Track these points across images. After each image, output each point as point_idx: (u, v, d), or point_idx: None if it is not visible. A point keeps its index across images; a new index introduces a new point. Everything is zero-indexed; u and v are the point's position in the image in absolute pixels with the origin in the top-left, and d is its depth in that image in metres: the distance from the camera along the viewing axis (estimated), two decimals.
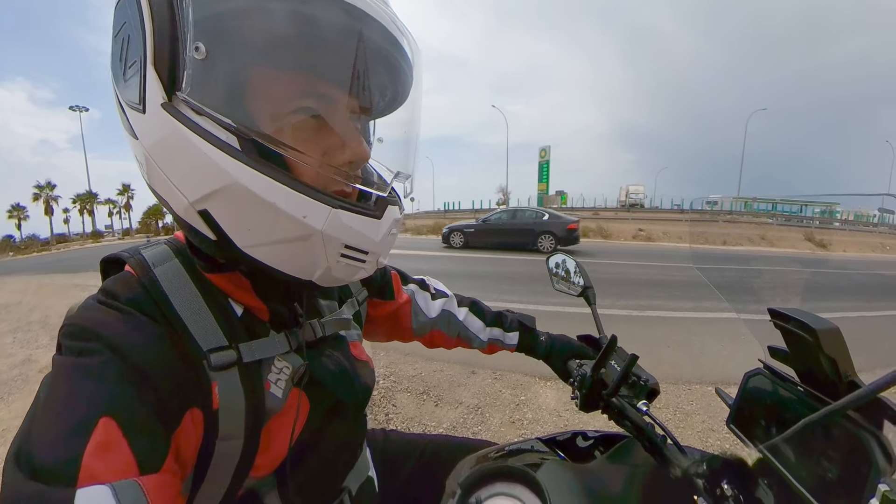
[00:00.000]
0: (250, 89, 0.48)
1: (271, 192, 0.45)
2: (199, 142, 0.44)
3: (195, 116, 0.45)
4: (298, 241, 0.48)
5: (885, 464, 0.52)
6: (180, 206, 0.49)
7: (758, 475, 0.64)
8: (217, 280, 0.59)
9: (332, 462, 0.74)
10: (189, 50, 0.44)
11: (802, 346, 0.63)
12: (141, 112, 0.46)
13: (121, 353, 0.47)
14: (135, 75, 0.45)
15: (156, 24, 0.43)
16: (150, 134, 0.47)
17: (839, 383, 0.60)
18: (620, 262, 12.26)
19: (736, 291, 1.02)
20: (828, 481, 0.57)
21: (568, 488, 0.69)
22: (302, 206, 0.46)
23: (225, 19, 0.45)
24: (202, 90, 0.45)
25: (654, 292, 7.55)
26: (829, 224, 1.30)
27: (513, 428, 3.07)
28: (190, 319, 0.55)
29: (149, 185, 0.54)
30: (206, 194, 0.46)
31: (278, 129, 0.49)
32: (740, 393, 0.77)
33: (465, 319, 1.08)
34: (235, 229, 0.48)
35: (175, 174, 0.48)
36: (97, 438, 0.41)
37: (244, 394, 0.56)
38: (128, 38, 0.46)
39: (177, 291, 0.55)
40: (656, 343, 4.86)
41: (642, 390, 0.84)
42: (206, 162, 0.45)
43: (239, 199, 0.46)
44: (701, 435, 3.04)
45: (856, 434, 0.55)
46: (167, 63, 0.44)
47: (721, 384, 3.69)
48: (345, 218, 0.49)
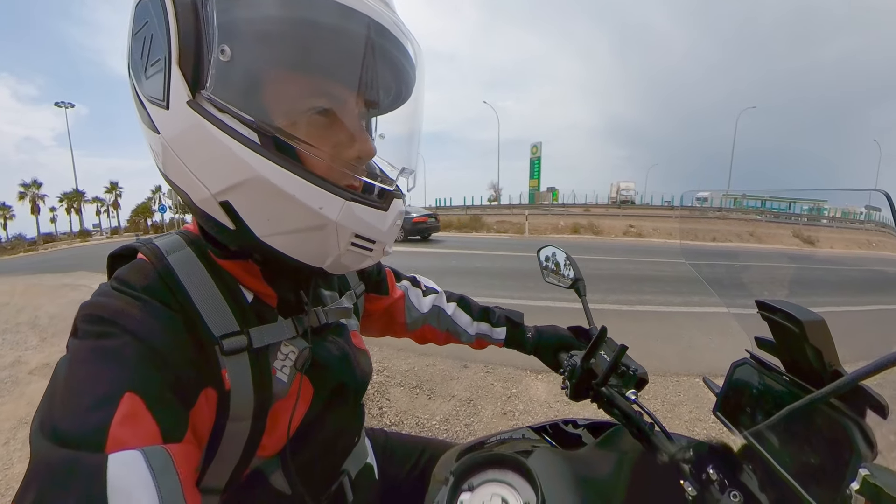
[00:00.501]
0: (268, 88, 0.51)
1: (291, 184, 0.49)
2: (224, 137, 0.48)
3: (218, 113, 0.48)
4: (314, 230, 0.52)
5: (867, 450, 0.53)
6: (200, 197, 0.52)
7: (743, 461, 0.66)
8: (229, 266, 0.62)
9: (331, 445, 0.77)
10: (215, 52, 0.47)
11: (789, 336, 0.65)
12: (164, 107, 0.49)
13: (138, 336, 0.49)
14: (158, 73, 0.48)
15: (181, 26, 0.46)
16: (172, 128, 0.50)
17: (824, 373, 0.61)
18: (611, 257, 12.33)
19: (725, 286, 1.04)
20: (811, 466, 0.59)
21: (558, 474, 0.71)
22: (318, 197, 0.50)
23: (248, 25, 0.48)
24: (224, 89, 0.48)
25: (644, 287, 7.62)
26: (817, 221, 1.33)
27: (504, 419, 3.10)
28: (203, 305, 0.57)
29: (164, 176, 0.56)
30: (229, 186, 0.50)
31: (292, 126, 0.52)
32: (727, 382, 0.78)
33: (454, 314, 1.11)
34: (255, 219, 0.52)
35: (197, 167, 0.50)
36: (123, 410, 0.43)
37: (252, 378, 0.59)
38: (150, 37, 0.48)
39: (190, 278, 0.58)
40: (646, 336, 4.92)
41: (631, 380, 0.86)
42: (229, 156, 0.48)
43: (260, 191, 0.49)
44: (688, 424, 3.10)
45: (838, 421, 0.57)
46: (192, 63, 0.47)
47: (708, 376, 3.74)
48: (356, 210, 0.53)
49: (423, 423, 3.02)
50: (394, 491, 0.96)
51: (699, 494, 0.63)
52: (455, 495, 0.68)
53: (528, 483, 0.67)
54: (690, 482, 0.65)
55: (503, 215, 30.91)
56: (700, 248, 1.16)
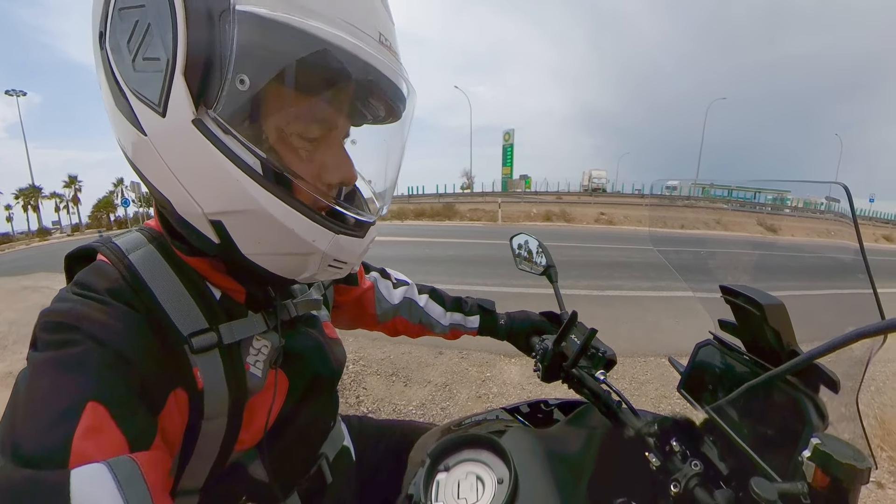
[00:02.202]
0: (271, 117, 0.51)
1: (290, 218, 0.50)
2: (229, 165, 0.47)
3: (222, 135, 0.46)
4: (301, 255, 0.54)
5: (819, 421, 0.57)
6: (187, 210, 0.51)
7: (704, 433, 0.70)
8: (194, 263, 0.61)
9: (307, 432, 0.78)
10: (230, 77, 0.45)
11: (750, 319, 0.68)
12: (159, 113, 0.45)
13: (101, 342, 0.47)
14: (155, 73, 0.45)
15: (191, 36, 0.43)
16: (165, 136, 0.47)
17: (782, 353, 0.65)
18: (583, 244, 12.52)
19: (691, 271, 1.08)
20: (767, 437, 0.63)
21: (531, 451, 0.73)
22: (312, 231, 0.52)
23: (268, 58, 0.46)
24: (232, 113, 0.47)
25: (614, 273, 7.78)
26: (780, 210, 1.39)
27: (479, 402, 3.16)
28: (169, 304, 0.56)
29: (137, 170, 0.53)
30: (227, 210, 0.49)
31: (287, 150, 0.53)
32: (691, 361, 0.82)
33: (426, 306, 1.13)
34: (245, 241, 0.52)
35: (192, 183, 0.49)
36: (86, 422, 0.42)
37: (225, 375, 0.58)
38: (146, 27, 0.44)
39: (154, 277, 0.57)
40: (615, 320, 5.04)
41: (600, 361, 0.89)
42: (232, 184, 0.47)
43: (259, 221, 0.50)
44: (654, 401, 3.23)
45: (793, 396, 0.61)
46: (199, 78, 0.44)
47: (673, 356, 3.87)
48: (342, 241, 0.56)
49: (400, 410, 3.05)
50: (371, 472, 0.97)
51: (662, 465, 0.67)
52: (431, 476, 0.70)
53: (501, 461, 0.69)
54: (655, 454, 0.68)
55: (476, 203, 30.76)
56: (668, 235, 1.20)
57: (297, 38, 0.45)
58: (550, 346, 0.93)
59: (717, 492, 0.60)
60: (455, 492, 0.67)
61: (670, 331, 4.66)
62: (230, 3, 0.43)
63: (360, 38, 0.49)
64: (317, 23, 0.45)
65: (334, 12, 0.47)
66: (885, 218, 53.62)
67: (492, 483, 0.66)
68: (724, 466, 0.66)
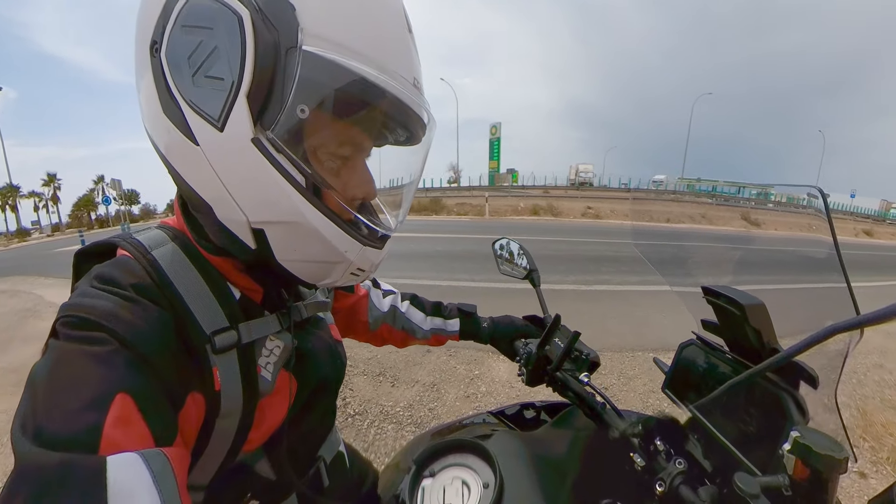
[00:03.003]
0: (315, 140, 0.56)
1: (329, 230, 0.55)
2: (282, 181, 0.51)
3: (275, 153, 0.51)
4: (331, 263, 0.59)
5: (799, 416, 0.59)
6: (230, 216, 0.54)
7: (688, 431, 0.71)
8: (217, 262, 0.63)
9: (310, 434, 0.81)
10: (289, 104, 0.49)
11: (731, 319, 0.69)
12: (217, 128, 0.49)
13: (127, 343, 0.48)
14: (217, 91, 0.49)
15: (258, 62, 0.48)
16: (221, 150, 0.51)
17: (763, 351, 0.66)
18: (570, 239, 12.61)
19: (673, 267, 1.09)
20: (749, 433, 0.64)
21: (516, 454, 0.73)
22: (346, 242, 0.57)
23: (323, 90, 0.51)
24: (286, 136, 0.51)
25: (601, 267, 7.85)
26: (763, 205, 1.42)
27: (468, 402, 3.16)
28: (193, 302, 0.58)
29: (176, 174, 0.56)
30: (272, 220, 0.54)
31: (321, 166, 0.57)
32: (675, 361, 0.83)
33: (408, 312, 1.15)
34: (282, 247, 0.56)
35: (241, 194, 0.52)
36: (115, 412, 0.43)
37: (241, 376, 0.60)
38: (213, 48, 0.48)
39: (178, 274, 0.59)
40: (603, 315, 5.08)
41: (584, 364, 0.89)
42: (282, 197, 0.52)
43: (301, 231, 0.54)
44: (642, 396, 3.26)
45: (774, 393, 0.61)
46: (260, 102, 0.49)
47: (661, 351, 3.92)
48: (368, 252, 0.61)
49: (388, 411, 3.04)
50: (362, 482, 0.98)
51: (647, 464, 0.68)
52: (417, 482, 0.69)
53: (487, 465, 0.69)
54: (639, 454, 0.69)
55: (463, 197, 30.68)
56: (651, 230, 1.20)
57: (351, 79, 0.50)
58: (534, 350, 0.94)
59: (702, 489, 0.61)
60: (441, 497, 0.67)
61: (657, 325, 4.71)
62: (297, 42, 0.48)
63: (400, 84, 0.54)
64: (368, 68, 0.51)
65: (383, 59, 0.53)
66: (866, 213, 54.86)
67: (477, 488, 0.66)
68: (708, 464, 0.67)
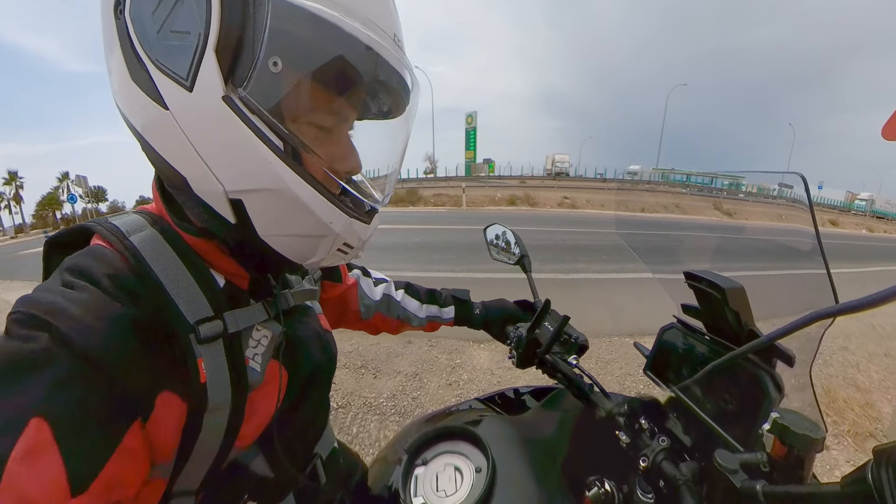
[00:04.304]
0: (292, 101, 0.51)
1: (314, 200, 0.51)
2: (259, 144, 0.47)
3: (249, 114, 0.47)
4: (315, 237, 0.55)
5: (777, 395, 0.61)
6: (206, 188, 0.50)
7: (670, 411, 0.73)
8: (199, 245, 0.59)
9: (305, 429, 0.78)
10: (261, 58, 0.46)
11: (712, 302, 0.72)
12: (186, 88, 0.45)
13: (70, 343, 0.43)
14: (183, 46, 0.45)
15: (225, 12, 0.44)
16: (190, 111, 0.47)
17: (741, 332, 0.69)
18: (548, 228, 12.73)
19: (653, 254, 1.12)
20: (729, 412, 0.66)
21: (506, 438, 0.75)
22: (330, 213, 0.54)
23: (298, 43, 0.48)
24: (261, 93, 0.47)
25: (579, 256, 7.96)
26: (736, 195, 1.47)
27: (450, 390, 3.19)
28: (174, 290, 0.54)
29: (149, 148, 0.52)
30: (250, 189, 0.50)
31: (303, 136, 0.53)
32: (656, 344, 0.86)
33: (403, 301, 1.14)
34: (263, 221, 0.52)
35: (215, 160, 0.48)
36: (26, 441, 0.38)
37: (228, 367, 0.56)
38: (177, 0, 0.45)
39: (158, 261, 0.54)
40: (582, 302, 5.19)
41: (573, 347, 0.92)
42: (260, 164, 0.48)
43: (281, 201, 0.50)
44: (619, 379, 3.36)
45: (753, 373, 0.64)
46: (230, 56, 0.45)
47: (637, 335, 4.01)
48: (355, 226, 0.57)
49: (371, 402, 3.04)
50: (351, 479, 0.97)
51: (632, 442, 0.70)
52: (409, 471, 0.70)
53: (478, 450, 0.71)
54: (624, 432, 0.72)
55: (440, 188, 30.42)
56: (633, 219, 1.23)
57: (326, 28, 0.47)
58: (525, 334, 0.95)
59: (683, 464, 0.64)
60: (434, 485, 0.68)
61: (634, 311, 4.83)
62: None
63: (380, 36, 0.51)
64: (345, 17, 0.47)
65: (360, 10, 0.49)
66: (833, 204, 56.85)
67: (470, 473, 0.67)
68: (689, 440, 0.70)
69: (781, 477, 0.51)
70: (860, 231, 30.43)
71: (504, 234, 1.23)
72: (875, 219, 47.23)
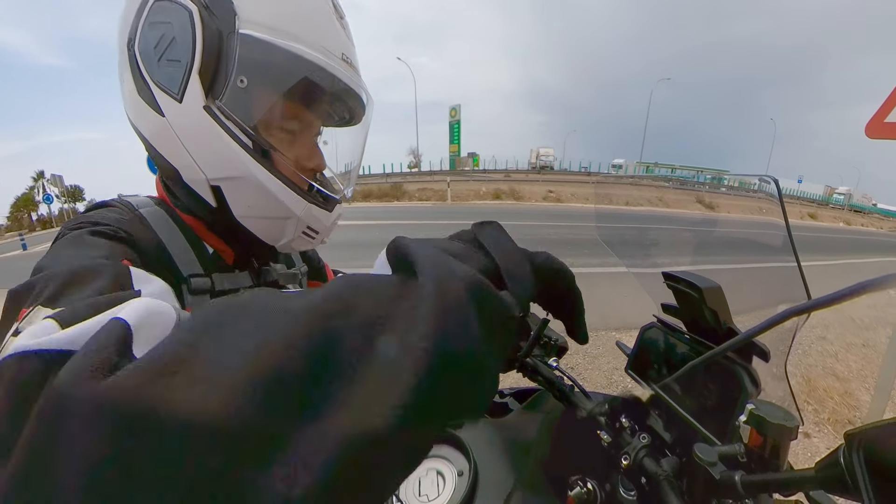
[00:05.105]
0: (260, 109, 0.66)
1: (273, 185, 0.65)
2: (230, 141, 0.62)
3: (224, 119, 0.62)
4: (280, 219, 0.69)
5: (753, 388, 0.62)
6: (192, 176, 0.65)
7: (650, 408, 0.74)
8: (192, 222, 0.73)
9: None
10: (232, 77, 0.61)
11: (690, 302, 0.73)
12: (177, 100, 0.61)
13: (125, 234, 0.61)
14: (175, 70, 0.60)
15: (206, 45, 0.60)
16: (181, 118, 0.62)
17: (719, 330, 0.70)
18: (532, 223, 12.80)
19: (634, 250, 1.13)
20: (707, 407, 0.68)
21: (488, 441, 0.75)
22: (293, 200, 0.67)
23: (260, 66, 0.63)
24: (233, 103, 0.62)
25: (563, 251, 8.00)
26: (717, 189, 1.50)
27: None
28: (172, 249, 0.68)
29: (151, 148, 0.67)
30: (225, 177, 0.64)
31: (272, 138, 0.68)
32: (637, 343, 0.87)
33: None
34: (238, 204, 0.67)
35: (197, 153, 0.63)
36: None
37: None
38: (172, 38, 0.60)
39: (160, 226, 0.69)
40: None
41: (553, 349, 0.92)
42: (231, 156, 0.63)
43: (249, 185, 0.65)
44: (607, 374, 3.40)
45: (730, 368, 0.65)
46: (209, 77, 0.61)
47: (623, 329, 4.02)
48: (313, 210, 0.71)
49: None
50: None
51: (613, 440, 0.71)
52: None
53: (461, 453, 0.71)
54: (606, 431, 0.73)
55: (425, 182, 30.24)
56: (613, 213, 1.24)
57: (282, 55, 0.62)
58: None
59: (664, 460, 0.65)
60: (416, 489, 0.68)
61: (619, 306, 4.85)
62: (235, 27, 0.60)
63: (328, 57, 0.65)
64: (297, 45, 0.62)
65: (310, 37, 0.64)
66: (811, 198, 58.08)
67: (452, 476, 0.68)
68: (669, 437, 0.70)
69: (758, 466, 0.52)
70: (837, 224, 31.17)
71: None
72: (853, 212, 48.46)
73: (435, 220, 13.28)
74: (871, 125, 2.28)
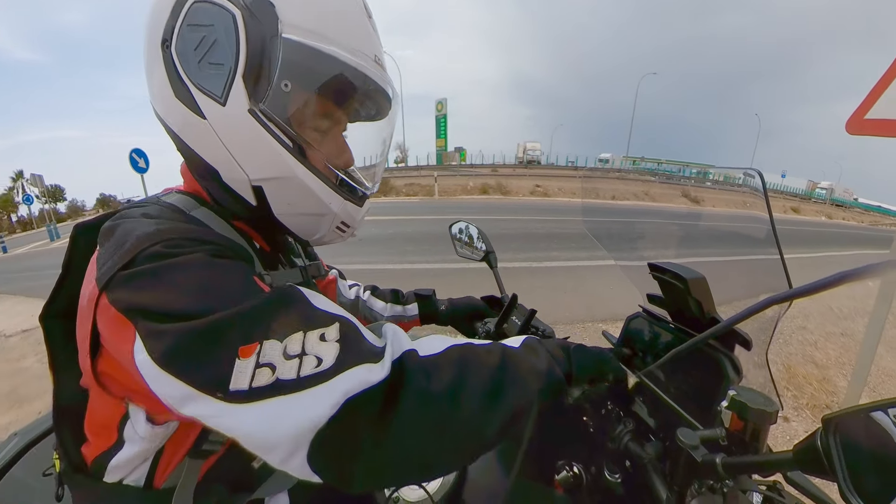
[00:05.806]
0: (299, 109, 0.67)
1: (316, 185, 0.67)
2: (275, 143, 0.63)
3: (267, 122, 0.62)
4: (318, 215, 0.71)
5: (735, 376, 0.65)
6: (234, 176, 0.65)
7: (635, 395, 0.76)
8: (240, 225, 0.74)
9: None
10: (275, 81, 0.61)
11: (675, 292, 0.75)
12: (220, 103, 0.60)
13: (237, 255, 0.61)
14: (218, 74, 0.60)
15: (250, 49, 0.59)
16: (224, 120, 0.62)
17: (703, 319, 0.72)
18: (520, 217, 12.84)
19: (620, 243, 1.14)
20: (691, 393, 0.70)
21: None
22: (330, 197, 0.69)
23: (303, 69, 0.63)
24: (275, 106, 0.63)
25: (551, 245, 8.07)
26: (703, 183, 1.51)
27: None
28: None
29: (185, 147, 0.67)
30: (268, 177, 0.65)
31: (307, 135, 0.68)
32: (623, 332, 0.89)
33: (369, 301, 1.21)
34: (278, 202, 0.67)
35: (242, 156, 0.63)
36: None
37: None
38: (213, 41, 0.60)
39: (220, 229, 0.69)
40: (554, 290, 5.28)
41: None
42: (276, 158, 0.64)
43: (291, 185, 0.66)
44: None
45: (713, 356, 0.68)
46: (253, 80, 0.61)
47: (609, 320, 4.04)
48: (348, 206, 0.73)
49: None
50: None
51: (599, 426, 0.74)
52: None
53: None
54: (591, 417, 0.76)
55: (412, 177, 29.97)
56: (600, 207, 1.25)
57: (323, 59, 0.63)
58: (493, 329, 0.97)
59: (648, 444, 0.67)
60: None
61: (606, 297, 4.93)
62: (278, 31, 0.60)
63: (364, 60, 0.67)
64: (336, 48, 0.63)
65: (347, 40, 0.65)
66: (795, 192, 58.90)
67: None
68: (653, 422, 0.73)
69: (739, 449, 0.54)
70: (820, 218, 31.73)
71: (467, 229, 1.25)
72: (834, 206, 49.32)
73: (422, 216, 13.24)
74: (851, 121, 2.32)
